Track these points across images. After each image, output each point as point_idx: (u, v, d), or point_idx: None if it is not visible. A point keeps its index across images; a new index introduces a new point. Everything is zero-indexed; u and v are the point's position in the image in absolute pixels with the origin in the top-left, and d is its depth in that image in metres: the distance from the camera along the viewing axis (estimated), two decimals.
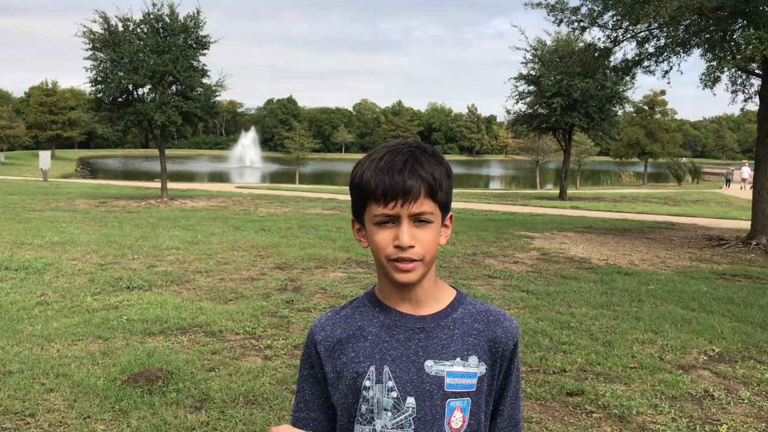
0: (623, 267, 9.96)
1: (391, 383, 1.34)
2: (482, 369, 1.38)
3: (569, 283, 8.50)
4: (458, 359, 1.35)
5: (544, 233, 14.00)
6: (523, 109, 27.07)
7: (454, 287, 1.46)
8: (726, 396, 4.58)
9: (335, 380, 1.39)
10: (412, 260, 1.30)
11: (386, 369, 1.34)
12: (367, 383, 1.34)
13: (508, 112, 28.39)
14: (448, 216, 1.40)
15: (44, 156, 36.93)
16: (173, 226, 13.41)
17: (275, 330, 5.91)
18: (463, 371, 1.35)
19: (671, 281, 8.80)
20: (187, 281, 7.99)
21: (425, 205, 1.30)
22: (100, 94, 19.18)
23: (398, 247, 1.29)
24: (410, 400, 1.33)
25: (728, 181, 44.83)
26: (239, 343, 5.50)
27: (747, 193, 27.68)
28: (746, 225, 14.80)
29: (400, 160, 1.31)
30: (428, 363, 1.34)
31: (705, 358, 5.44)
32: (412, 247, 1.29)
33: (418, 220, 1.31)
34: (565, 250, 11.53)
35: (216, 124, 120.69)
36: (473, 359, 1.37)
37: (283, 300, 7.01)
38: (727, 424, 4.12)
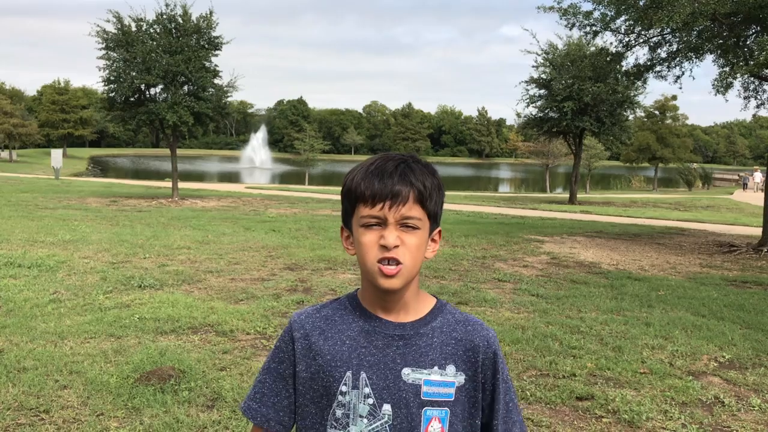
0: (633, 272, 9.94)
1: (367, 389, 1.33)
2: (461, 379, 1.37)
3: (579, 287, 8.50)
4: (436, 368, 1.35)
5: (554, 237, 13.99)
6: (533, 113, 27.05)
7: (435, 296, 1.45)
8: (736, 403, 4.57)
9: (308, 380, 1.38)
10: (396, 262, 1.28)
11: (363, 375, 1.33)
12: (343, 388, 1.33)
13: (518, 115, 28.37)
14: (437, 231, 1.39)
15: (56, 154, 37.24)
16: (184, 226, 13.48)
17: None
18: (440, 380, 1.34)
19: (681, 287, 8.78)
20: (199, 281, 8.04)
21: (413, 210, 1.29)
22: (113, 94, 19.32)
23: (383, 247, 1.28)
24: (386, 408, 1.32)
25: (745, 185, 46.66)
26: (250, 343, 5.53)
27: (758, 199, 27.62)
28: (757, 232, 14.72)
29: (392, 165, 1.31)
30: (406, 371, 1.33)
31: (715, 364, 5.43)
32: (396, 247, 1.28)
33: (406, 225, 1.30)
34: (574, 255, 11.51)
35: (227, 125, 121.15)
36: (451, 368, 1.36)
37: (294, 301, 7.04)
38: (737, 431, 4.12)
